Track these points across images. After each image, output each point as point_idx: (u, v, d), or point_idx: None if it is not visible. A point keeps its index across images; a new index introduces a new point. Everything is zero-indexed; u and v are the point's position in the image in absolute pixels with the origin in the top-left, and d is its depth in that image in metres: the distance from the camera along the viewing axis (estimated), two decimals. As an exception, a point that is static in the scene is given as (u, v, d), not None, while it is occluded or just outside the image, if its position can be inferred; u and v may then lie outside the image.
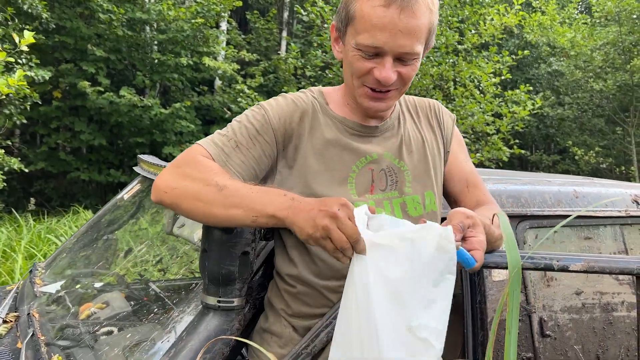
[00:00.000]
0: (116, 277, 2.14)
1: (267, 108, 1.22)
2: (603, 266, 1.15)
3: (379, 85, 1.16)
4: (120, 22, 9.27)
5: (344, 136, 1.24)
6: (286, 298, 1.18)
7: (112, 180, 9.86)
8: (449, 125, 1.40)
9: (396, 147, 1.28)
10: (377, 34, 1.10)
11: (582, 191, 2.03)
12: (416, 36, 1.12)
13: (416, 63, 1.18)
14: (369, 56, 1.13)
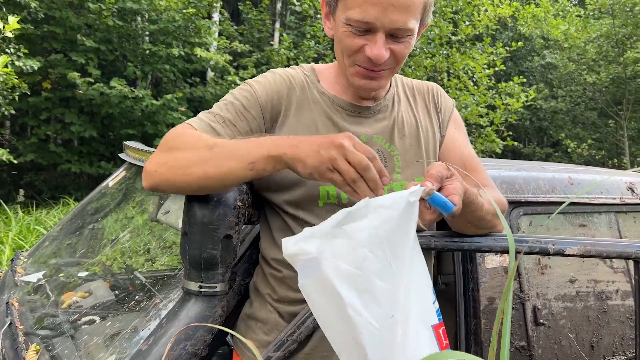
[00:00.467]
0: (101, 266, 2.09)
1: (254, 84, 1.18)
2: (600, 250, 1.11)
3: (370, 64, 1.10)
4: (111, 12, 9.14)
5: (333, 115, 1.19)
6: (272, 283, 1.14)
7: (103, 172, 9.75)
8: (447, 109, 1.34)
9: (388, 130, 1.23)
10: (368, 8, 1.03)
11: (577, 178, 2.00)
12: (410, 11, 1.05)
13: (410, 40, 1.11)
14: (360, 32, 1.07)
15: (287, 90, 1.18)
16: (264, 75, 1.22)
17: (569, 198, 1.92)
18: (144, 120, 9.48)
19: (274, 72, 1.23)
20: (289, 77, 1.21)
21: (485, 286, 1.62)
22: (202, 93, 10.67)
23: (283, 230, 1.13)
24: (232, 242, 1.05)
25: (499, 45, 8.48)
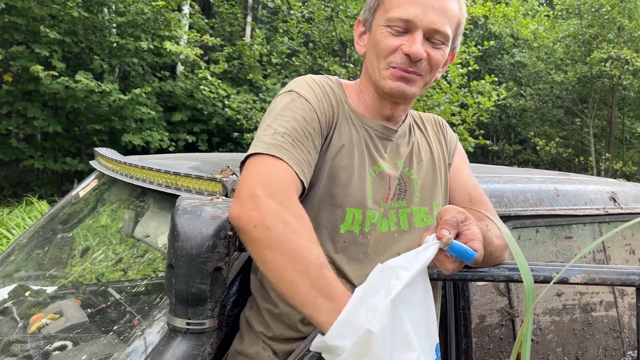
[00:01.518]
0: (71, 281, 1.98)
1: (309, 98, 1.12)
2: (604, 277, 1.08)
3: (407, 63, 1.09)
4: (76, 2, 8.81)
5: (365, 136, 1.17)
6: (267, 319, 1.07)
7: (69, 169, 9.45)
8: (453, 140, 1.38)
9: (407, 155, 1.23)
10: (408, 7, 1.08)
11: (563, 189, 1.99)
12: (447, 16, 1.10)
13: (445, 49, 1.13)
14: (399, 32, 1.10)
15: (334, 103, 1.16)
16: (309, 85, 1.16)
17: (556, 210, 1.91)
18: (111, 115, 9.20)
19: (316, 82, 1.18)
20: (331, 89, 1.19)
21: (476, 304, 1.59)
22: (172, 87, 10.43)
23: None
24: (223, 275, 0.98)
25: (471, 44, 8.53)
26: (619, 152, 13.08)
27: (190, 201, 1.03)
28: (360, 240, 1.11)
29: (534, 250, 1.81)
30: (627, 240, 2.19)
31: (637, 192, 2.29)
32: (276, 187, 0.95)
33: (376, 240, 1.13)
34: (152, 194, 1.70)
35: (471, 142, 8.26)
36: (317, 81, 1.18)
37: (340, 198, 1.09)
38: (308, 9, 8.36)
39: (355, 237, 1.11)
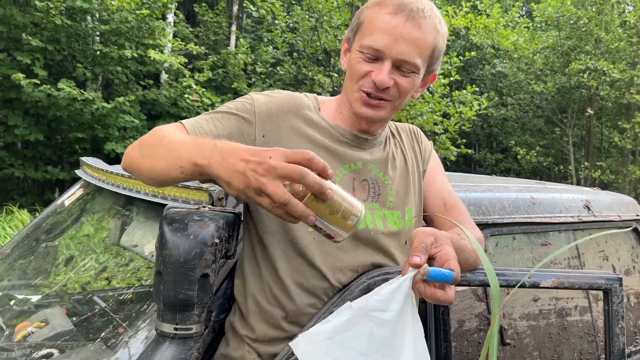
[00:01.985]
0: (56, 289, 1.98)
1: (256, 95, 1.21)
2: (572, 282, 1.14)
3: (374, 90, 1.15)
4: (59, 10, 8.77)
5: (329, 141, 1.21)
6: (250, 321, 1.11)
7: (50, 178, 9.34)
8: (427, 148, 1.43)
9: (382, 161, 1.27)
10: (379, 36, 1.12)
11: (539, 197, 2.05)
12: (418, 47, 1.13)
13: (414, 77, 1.16)
14: (370, 59, 1.14)
15: (288, 107, 1.21)
16: (271, 91, 1.26)
17: (532, 218, 1.97)
18: (94, 123, 9.14)
19: (280, 91, 1.26)
20: (296, 97, 1.24)
21: (455, 309, 1.64)
22: (156, 96, 10.40)
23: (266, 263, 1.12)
24: (209, 281, 1.01)
25: (453, 55, 8.68)
26: (597, 160, 13.35)
27: (177, 210, 1.07)
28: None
29: (510, 257, 1.86)
30: (601, 247, 2.26)
31: (610, 200, 2.37)
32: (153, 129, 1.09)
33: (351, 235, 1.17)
34: (139, 203, 1.73)
35: (453, 151, 8.37)
36: (282, 91, 1.26)
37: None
38: (292, 19, 8.45)
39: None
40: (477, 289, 1.71)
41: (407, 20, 1.11)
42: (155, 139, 1.03)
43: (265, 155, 0.85)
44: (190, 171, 0.94)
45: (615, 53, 11.84)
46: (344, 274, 1.15)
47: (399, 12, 1.11)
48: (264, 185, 0.84)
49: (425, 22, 1.12)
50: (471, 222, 1.34)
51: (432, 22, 1.14)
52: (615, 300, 1.15)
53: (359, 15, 1.20)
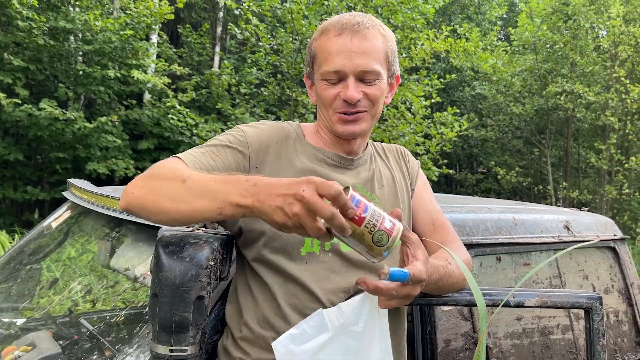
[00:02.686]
0: (42, 312, 1.96)
1: (244, 127, 1.25)
2: (555, 301, 1.18)
3: (347, 107, 1.21)
4: (42, 30, 8.74)
5: (318, 166, 1.26)
6: (243, 346, 1.12)
7: (29, 198, 9.19)
8: (414, 167, 1.47)
9: (369, 181, 1.32)
10: (335, 59, 1.19)
11: (520, 218, 2.11)
12: (371, 55, 1.19)
13: (379, 83, 1.23)
14: (334, 83, 1.20)
15: (277, 136, 1.26)
16: (256, 122, 1.29)
17: (514, 238, 2.03)
18: (76, 143, 9.06)
19: (265, 122, 1.30)
20: (281, 127, 1.29)
21: (442, 329, 1.67)
22: (139, 116, 10.36)
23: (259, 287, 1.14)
24: (204, 303, 1.03)
25: (434, 77, 8.86)
26: (575, 181, 13.63)
27: (173, 233, 1.09)
28: (322, 259, 1.18)
29: (494, 277, 1.91)
30: (581, 267, 2.32)
31: (589, 220, 2.44)
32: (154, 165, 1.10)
33: (341, 257, 1.20)
34: (128, 225, 1.73)
35: (435, 171, 8.49)
36: (267, 122, 1.30)
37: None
38: (276, 41, 8.55)
39: (317, 256, 1.18)
40: (462, 308, 1.75)
41: (353, 35, 1.18)
42: (173, 179, 1.02)
43: (299, 187, 0.90)
44: (231, 212, 0.96)
45: (590, 76, 12.20)
46: (337, 295, 1.18)
47: (342, 32, 1.19)
48: (298, 216, 0.90)
49: (369, 31, 1.20)
50: (458, 241, 1.38)
51: (375, 29, 1.22)
52: (596, 319, 1.20)
53: (309, 50, 1.27)
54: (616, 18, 10.66)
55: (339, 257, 1.20)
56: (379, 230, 0.98)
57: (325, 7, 7.92)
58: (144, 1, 9.44)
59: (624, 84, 11.05)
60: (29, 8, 8.39)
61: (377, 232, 0.97)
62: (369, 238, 0.98)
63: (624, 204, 12.16)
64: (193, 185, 1.00)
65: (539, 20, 12.45)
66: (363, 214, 0.96)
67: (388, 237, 0.98)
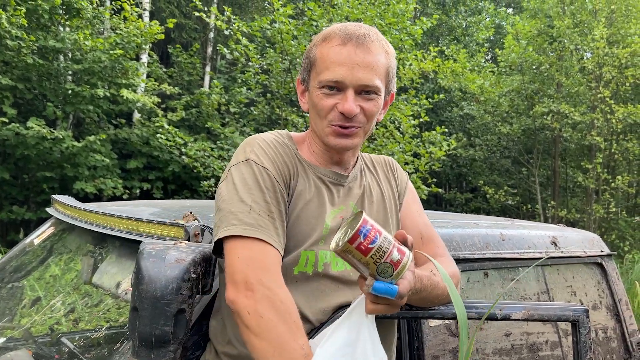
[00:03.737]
0: (22, 331, 1.92)
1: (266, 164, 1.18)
2: (542, 314, 1.17)
3: (343, 120, 1.18)
4: (31, 49, 8.73)
5: (319, 183, 1.25)
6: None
7: (15, 218, 9.07)
8: (403, 180, 1.46)
9: (359, 197, 1.30)
10: (336, 69, 1.16)
11: (508, 234, 2.11)
12: (374, 70, 1.17)
13: (377, 99, 1.21)
14: (331, 92, 1.18)
15: (287, 161, 1.23)
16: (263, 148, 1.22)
17: (501, 253, 2.02)
18: (64, 162, 8.98)
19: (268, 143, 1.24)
20: (282, 146, 1.25)
21: (430, 344, 1.65)
22: (128, 135, 10.33)
23: None
24: (186, 317, 1.01)
25: (422, 97, 8.94)
26: (563, 200, 13.73)
27: (154, 245, 1.07)
28: (313, 279, 1.17)
29: (482, 292, 1.90)
30: (569, 283, 2.32)
31: (576, 236, 2.45)
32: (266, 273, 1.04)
33: (331, 279, 1.19)
34: (112, 240, 1.71)
35: (424, 190, 8.51)
36: (268, 142, 1.24)
37: (297, 243, 1.16)
38: (266, 61, 8.61)
39: (308, 276, 1.17)
40: (451, 324, 1.73)
41: (357, 47, 1.16)
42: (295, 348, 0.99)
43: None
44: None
45: (576, 97, 12.37)
46: (326, 315, 1.16)
47: (347, 42, 1.16)
48: None
49: (374, 45, 1.18)
50: (447, 255, 1.37)
51: (379, 44, 1.20)
52: (583, 332, 1.19)
53: (308, 55, 1.24)
54: (600, 40, 10.87)
55: (329, 278, 1.19)
56: (384, 262, 0.97)
57: (314, 27, 8.00)
58: (134, 21, 9.49)
59: (608, 104, 11.23)
60: (18, 27, 8.39)
61: (382, 264, 0.97)
62: (374, 268, 0.98)
63: (611, 222, 12.24)
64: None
65: (525, 42, 12.67)
66: (370, 244, 0.96)
67: (393, 269, 0.98)
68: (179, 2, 13.63)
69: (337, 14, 8.09)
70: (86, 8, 9.10)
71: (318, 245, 1.19)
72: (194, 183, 10.48)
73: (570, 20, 11.61)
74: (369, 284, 0.98)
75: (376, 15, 8.18)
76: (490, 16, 18.70)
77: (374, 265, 0.97)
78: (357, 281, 1.04)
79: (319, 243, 1.19)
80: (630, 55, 11.06)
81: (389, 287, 0.98)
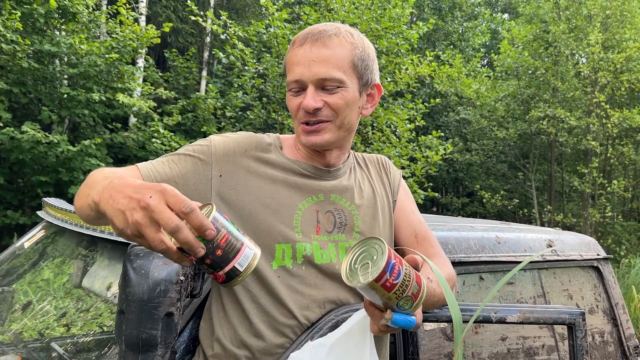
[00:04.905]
0: (12, 335, 1.89)
1: (214, 136, 1.24)
2: (537, 317, 1.15)
3: (308, 117, 1.19)
4: (26, 53, 8.70)
5: (291, 175, 1.23)
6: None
7: (10, 222, 9.01)
8: (396, 178, 1.44)
9: (348, 191, 1.29)
10: (295, 69, 1.18)
11: (504, 237, 2.09)
12: (331, 63, 1.17)
13: (343, 92, 1.19)
14: (297, 93, 1.20)
15: (247, 145, 1.23)
16: (232, 133, 1.29)
17: (497, 257, 2.01)
18: (59, 166, 8.94)
19: (240, 132, 1.30)
20: (256, 138, 1.27)
21: (425, 349, 1.63)
22: (123, 139, 10.30)
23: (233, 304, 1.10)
24: (174, 320, 0.99)
25: (418, 101, 8.95)
26: (559, 204, 13.73)
27: (142, 247, 1.05)
28: (295, 272, 1.15)
29: (478, 296, 1.88)
30: (565, 286, 2.31)
31: (572, 240, 2.43)
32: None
33: (316, 270, 1.17)
34: (103, 243, 1.69)
35: (421, 194, 8.50)
36: (243, 132, 1.30)
37: (267, 237, 1.14)
38: (262, 65, 8.60)
39: (289, 270, 1.16)
40: (446, 328, 1.71)
41: (312, 45, 1.17)
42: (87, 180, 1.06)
43: (147, 193, 0.81)
44: (95, 209, 0.93)
45: (572, 101, 12.40)
46: (312, 310, 1.14)
47: (304, 42, 1.19)
48: (139, 225, 0.80)
49: (331, 40, 1.18)
50: (442, 254, 1.36)
51: (338, 38, 1.19)
52: (579, 335, 1.17)
53: (283, 63, 1.28)
54: (595, 45, 10.91)
55: (313, 268, 1.17)
56: (405, 296, 0.94)
57: (310, 32, 8.00)
58: (130, 25, 9.48)
59: (604, 109, 11.25)
60: (13, 31, 8.36)
61: (403, 298, 0.94)
62: (395, 302, 0.95)
63: (607, 227, 12.25)
64: (89, 183, 1.02)
65: (521, 47, 12.70)
66: (395, 280, 0.92)
67: (413, 302, 0.96)
68: (176, 6, 13.63)
69: (334, 18, 8.10)
70: (82, 12, 9.08)
71: (294, 238, 1.18)
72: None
73: (566, 26, 11.66)
74: (388, 317, 0.95)
75: (372, 19, 8.19)
76: (486, 21, 18.76)
77: (395, 300, 0.94)
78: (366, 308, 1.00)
79: (294, 235, 1.18)
80: (625, 60, 11.11)
81: (408, 319, 0.95)
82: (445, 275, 1.16)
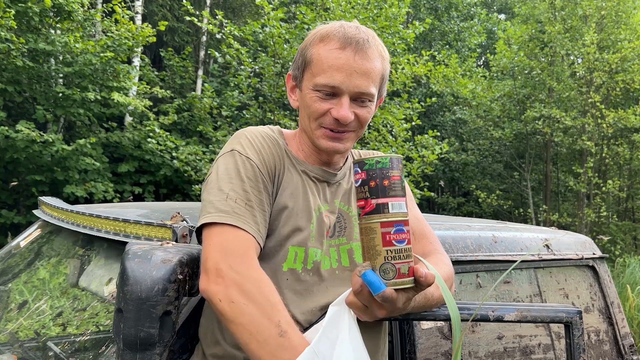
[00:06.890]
0: (7, 335, 1.88)
1: (251, 156, 1.18)
2: (535, 315, 1.16)
3: (337, 125, 1.17)
4: (21, 52, 8.66)
5: (307, 179, 1.24)
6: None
7: (4, 222, 8.97)
8: None
9: (346, 194, 1.29)
10: (334, 74, 1.14)
11: (500, 236, 2.10)
12: (370, 78, 1.16)
13: (371, 106, 1.21)
14: (327, 96, 1.16)
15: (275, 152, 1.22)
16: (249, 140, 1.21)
17: (494, 256, 2.01)
18: (54, 166, 8.91)
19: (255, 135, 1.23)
20: (271, 139, 1.24)
21: (422, 347, 1.63)
22: (119, 138, 10.26)
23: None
24: (172, 319, 0.98)
25: (414, 101, 8.96)
26: (555, 204, 13.78)
27: (140, 245, 1.05)
28: (302, 278, 1.15)
29: (475, 295, 1.88)
30: (561, 285, 2.32)
31: (568, 239, 2.44)
32: (237, 258, 1.02)
33: (320, 277, 1.17)
34: (100, 242, 1.68)
35: (417, 194, 8.51)
36: (256, 134, 1.23)
37: (284, 238, 1.14)
38: (258, 64, 8.59)
39: (297, 274, 1.15)
40: (443, 327, 1.71)
41: (356, 53, 1.14)
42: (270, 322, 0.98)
43: None
44: None
45: (567, 102, 12.45)
46: (314, 315, 1.14)
47: (346, 46, 1.14)
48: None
49: (371, 51, 1.16)
50: (441, 251, 1.35)
51: (377, 49, 1.18)
52: (576, 333, 1.17)
53: (303, 53, 1.21)
54: (590, 45, 10.95)
55: (320, 276, 1.17)
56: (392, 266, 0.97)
57: (306, 31, 8.00)
58: (126, 24, 9.44)
59: (599, 109, 11.30)
60: (8, 30, 8.32)
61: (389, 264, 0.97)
62: (380, 262, 0.97)
63: (602, 226, 12.30)
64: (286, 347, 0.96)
65: (517, 47, 12.74)
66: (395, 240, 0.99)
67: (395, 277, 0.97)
68: (172, 5, 13.59)
69: (330, 17, 8.09)
70: (77, 11, 9.04)
71: (308, 242, 1.17)
72: (185, 187, 10.42)
73: (561, 26, 11.69)
74: (364, 266, 0.96)
75: (368, 19, 8.19)
76: (482, 22, 18.80)
77: (381, 259, 0.95)
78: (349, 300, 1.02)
79: (308, 240, 1.18)
80: (620, 60, 11.16)
81: (379, 282, 0.95)
82: (443, 273, 1.16)
